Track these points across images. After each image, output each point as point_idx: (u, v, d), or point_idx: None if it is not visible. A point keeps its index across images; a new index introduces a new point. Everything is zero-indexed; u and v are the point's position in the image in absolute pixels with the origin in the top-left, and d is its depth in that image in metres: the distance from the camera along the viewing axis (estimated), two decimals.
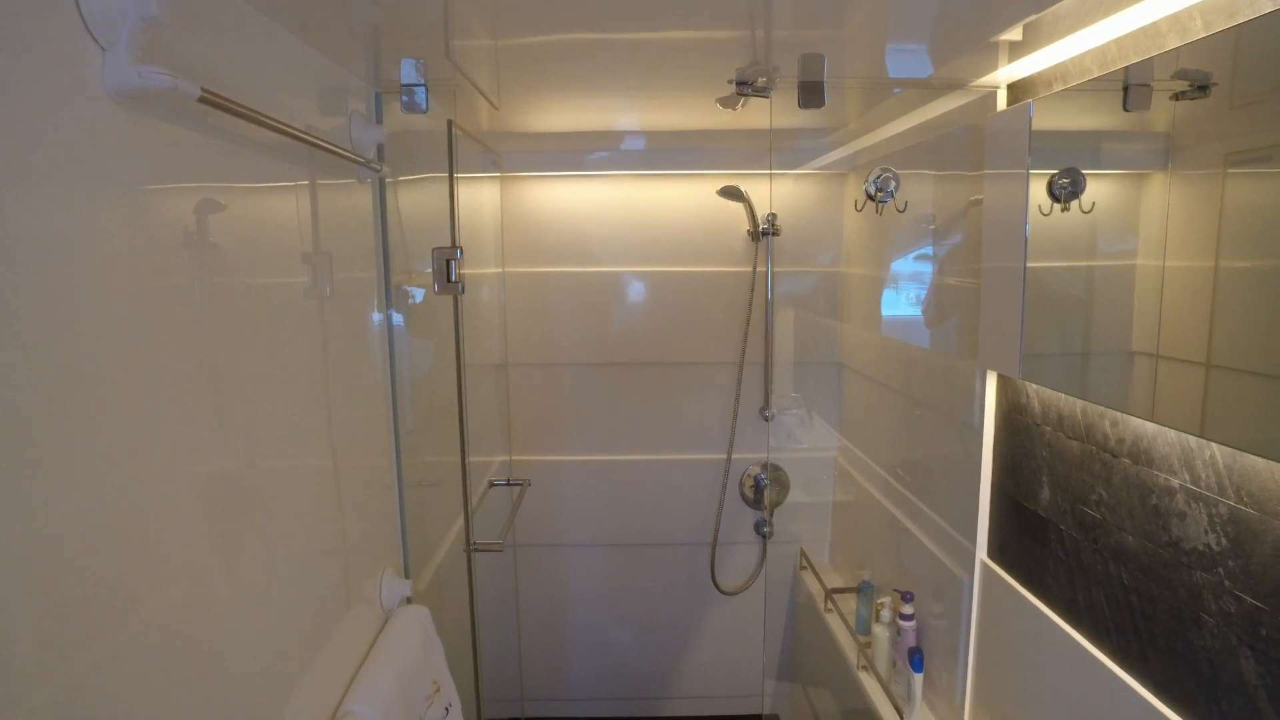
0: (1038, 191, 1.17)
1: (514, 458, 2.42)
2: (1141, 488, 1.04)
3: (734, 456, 2.42)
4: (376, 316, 1.38)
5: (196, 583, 0.81)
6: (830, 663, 2.06)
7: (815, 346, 2.42)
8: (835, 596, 2.14)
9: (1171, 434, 0.99)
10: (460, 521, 1.72)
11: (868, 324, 2.14)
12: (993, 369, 1.39)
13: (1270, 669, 0.85)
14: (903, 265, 1.88)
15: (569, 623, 2.55)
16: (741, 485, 2.44)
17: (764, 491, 2.43)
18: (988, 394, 1.43)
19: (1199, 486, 0.94)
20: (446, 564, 1.68)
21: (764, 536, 2.44)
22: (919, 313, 1.79)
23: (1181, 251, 0.93)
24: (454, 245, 1.35)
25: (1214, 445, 0.92)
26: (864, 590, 1.98)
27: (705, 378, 2.41)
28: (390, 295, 1.45)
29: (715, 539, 2.42)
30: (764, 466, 2.44)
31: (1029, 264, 1.19)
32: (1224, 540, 0.91)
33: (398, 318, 1.47)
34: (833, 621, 2.09)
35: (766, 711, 2.65)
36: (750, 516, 2.46)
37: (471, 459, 1.91)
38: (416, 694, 1.24)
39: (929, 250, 1.73)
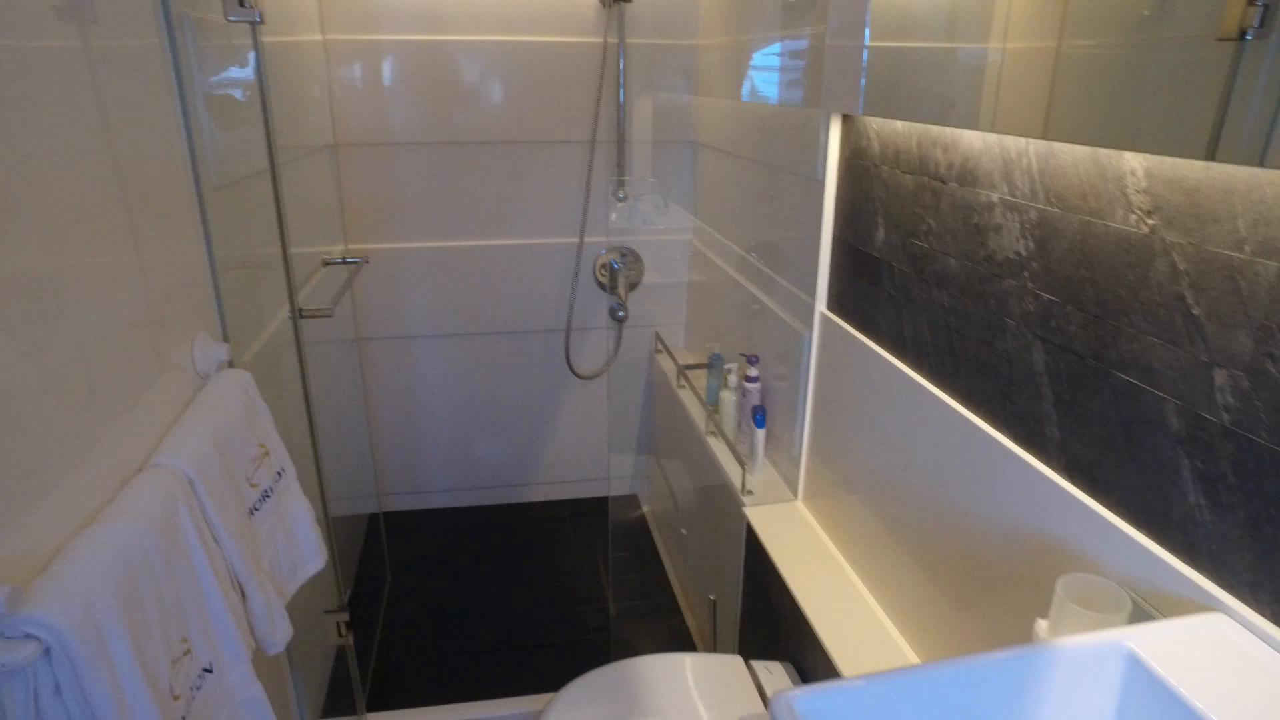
0: None
1: (351, 246, 2.27)
2: (965, 209, 1.06)
3: (587, 240, 2.37)
4: (162, 57, 1.18)
5: None
6: (683, 435, 2.15)
7: (670, 124, 2.34)
8: (688, 373, 2.20)
9: (995, 150, 0.99)
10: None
11: (724, 92, 2.07)
12: (836, 110, 1.36)
13: (1054, 355, 0.91)
14: (757, 24, 1.79)
15: (423, 416, 2.52)
16: (595, 270, 2.41)
17: (618, 275, 2.41)
18: (831, 142, 1.41)
19: (1015, 196, 0.96)
20: (279, 338, 1.58)
21: (619, 321, 2.44)
22: (774, 69, 1.73)
23: None
24: None
25: (1031, 153, 0.93)
26: (714, 363, 2.03)
27: (555, 157, 2.30)
28: (172, 25, 1.24)
29: (569, 325, 2.40)
30: (617, 250, 2.41)
31: None
32: (1031, 244, 0.94)
33: (189, 55, 1.27)
34: (685, 397, 2.16)
35: (626, 492, 2.78)
36: (605, 301, 2.45)
37: (305, 248, 1.77)
38: (239, 455, 1.18)
39: (780, 10, 1.65)
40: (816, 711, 0.61)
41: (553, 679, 1.47)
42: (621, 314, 2.42)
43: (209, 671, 1.04)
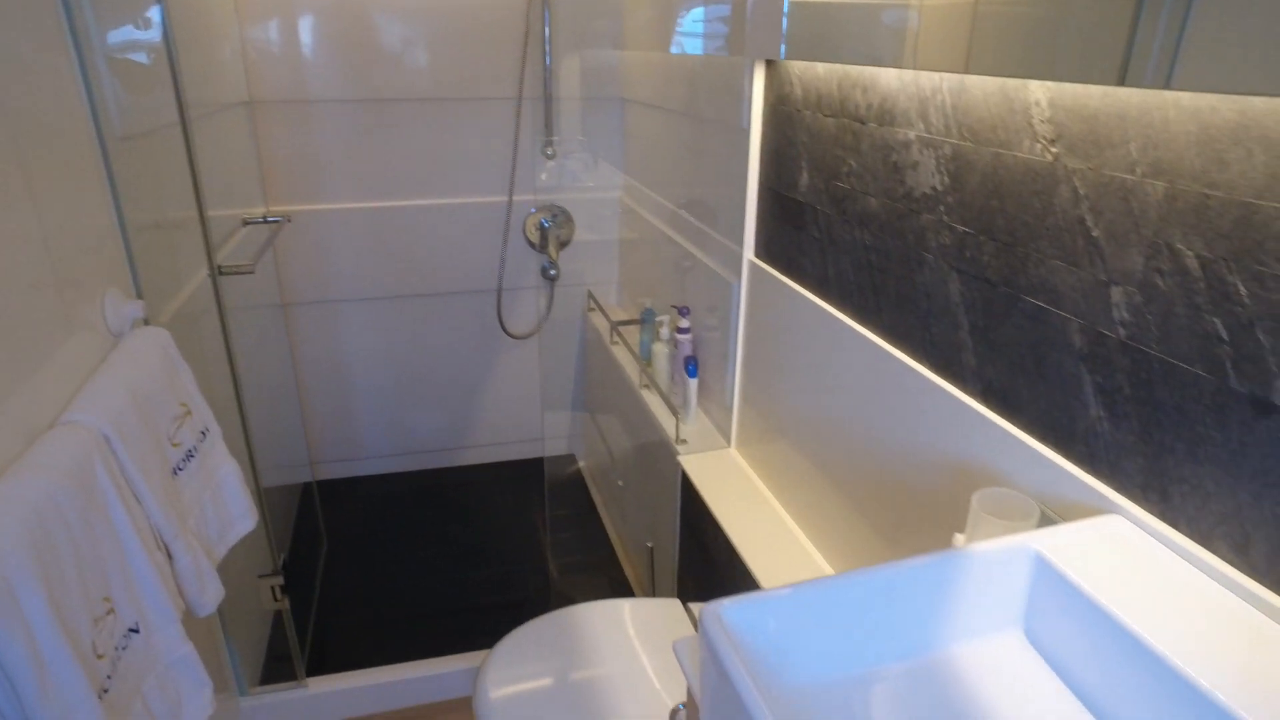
0: None
1: (272, 208, 2.20)
2: (884, 148, 1.09)
3: (516, 199, 2.34)
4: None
5: None
6: (617, 390, 2.16)
7: (598, 80, 2.32)
8: (621, 329, 2.21)
9: (911, 88, 1.02)
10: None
11: (652, 45, 2.06)
12: (759, 56, 1.37)
13: (968, 285, 0.94)
14: None
15: (354, 381, 2.48)
16: (525, 229, 2.39)
17: (548, 234, 2.40)
18: (755, 90, 1.42)
19: (931, 133, 0.99)
20: (199, 298, 1.53)
21: (551, 280, 2.43)
22: (699, 19, 1.73)
23: None
24: None
25: (945, 89, 0.96)
26: (646, 318, 2.04)
27: (481, 115, 2.26)
28: None
29: (500, 285, 2.38)
30: (547, 208, 2.39)
31: None
32: (946, 179, 0.97)
33: (83, 5, 1.20)
34: (619, 353, 2.17)
35: (563, 452, 2.78)
36: (536, 260, 2.44)
37: (224, 210, 1.70)
38: (160, 413, 1.15)
39: None
40: (743, 619, 0.64)
41: (494, 638, 1.48)
42: (553, 273, 2.41)
43: (135, 631, 1.01)
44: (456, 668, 1.83)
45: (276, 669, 1.82)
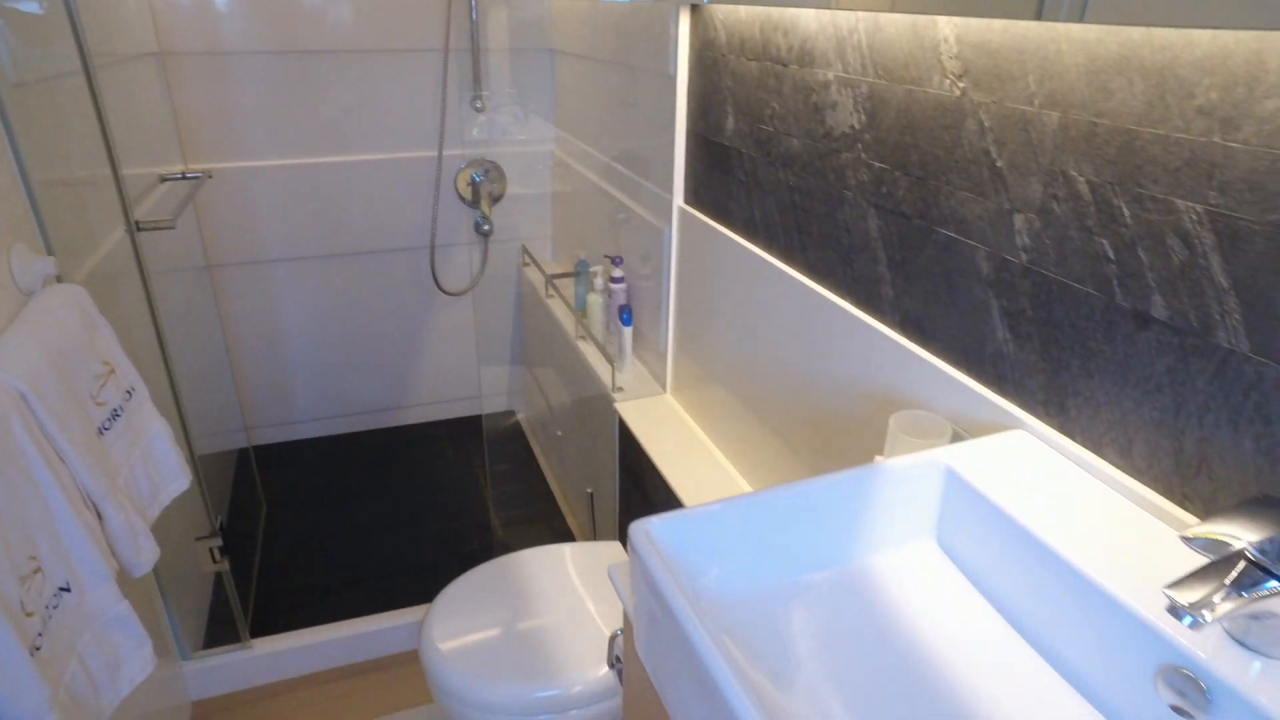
0: None
1: (192, 165, 2.12)
2: (805, 89, 1.11)
3: (446, 154, 2.30)
4: None
5: None
6: (554, 343, 2.17)
7: (526, 31, 2.28)
8: (556, 282, 2.21)
9: (830, 29, 1.04)
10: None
11: None
12: (684, 1, 1.37)
13: (886, 219, 0.98)
14: None
15: (287, 344, 2.43)
16: (457, 183, 2.36)
17: (480, 189, 2.37)
18: (681, 35, 1.43)
19: (848, 73, 1.01)
20: (118, 255, 1.48)
21: (484, 235, 2.41)
22: None
23: None
24: None
25: (861, 29, 0.98)
26: (580, 269, 2.05)
27: (408, 68, 2.21)
28: None
29: (433, 241, 2.35)
30: (479, 163, 2.36)
31: None
32: (863, 117, 1.00)
33: None
34: (554, 305, 2.17)
35: (503, 408, 2.79)
36: (469, 215, 2.41)
37: (139, 168, 1.64)
38: (80, 372, 1.12)
39: None
40: (671, 535, 0.67)
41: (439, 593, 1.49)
42: (486, 228, 2.39)
43: (66, 590, 1.00)
44: (402, 622, 1.84)
45: (220, 633, 1.81)
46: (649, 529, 0.65)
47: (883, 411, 1.03)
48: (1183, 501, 0.68)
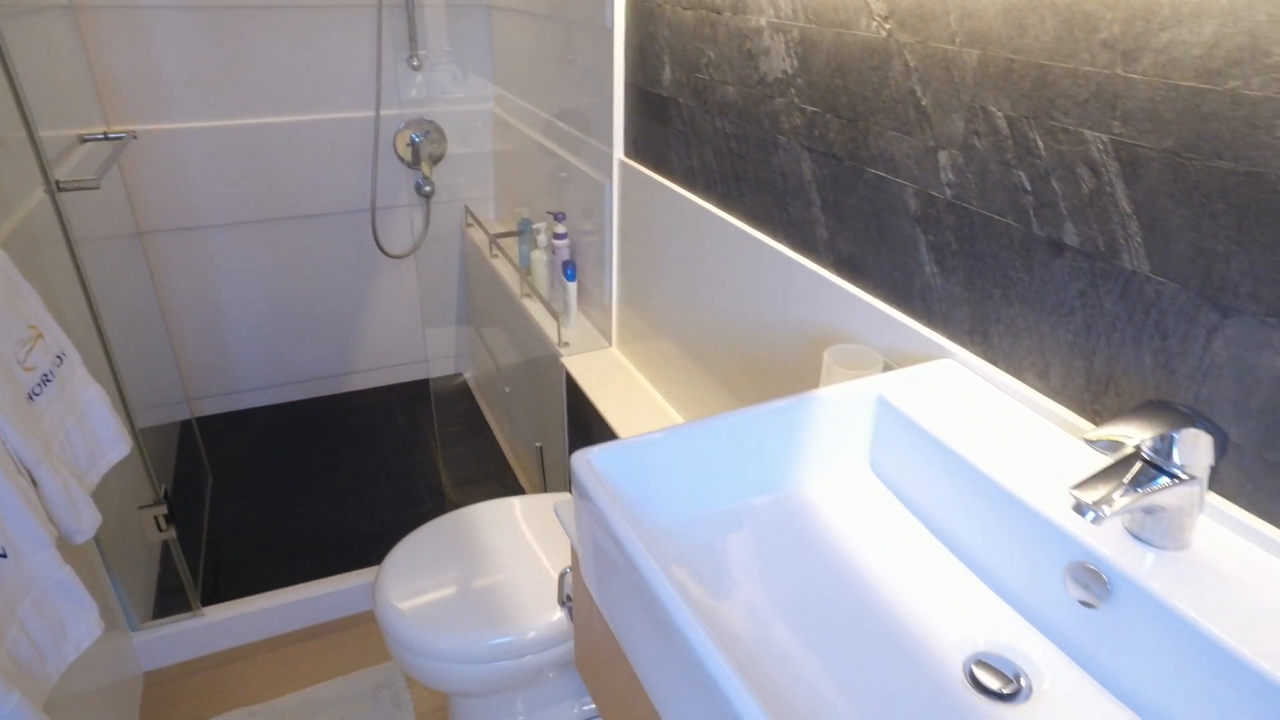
0: None
1: (115, 127, 2.05)
2: (739, 36, 1.12)
3: (383, 114, 2.26)
4: None
5: None
6: (499, 302, 2.16)
7: None
8: (499, 241, 2.20)
9: None
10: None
11: None
12: None
13: (819, 162, 1.00)
14: None
15: (226, 312, 2.38)
16: (396, 144, 2.32)
17: (420, 149, 2.34)
18: None
19: (780, 18, 1.03)
20: (38, 219, 1.43)
21: (426, 196, 2.38)
22: None
23: None
24: None
25: None
26: (523, 227, 2.04)
27: (340, 24, 2.15)
28: None
29: (374, 204, 2.32)
30: (417, 123, 2.32)
31: None
32: (795, 62, 1.01)
33: None
34: (499, 265, 2.16)
35: (451, 371, 2.78)
36: (409, 176, 2.38)
37: (56, 130, 1.57)
38: (4, 336, 1.09)
39: None
40: (613, 464, 0.69)
41: None
42: (428, 189, 2.36)
43: (3, 556, 0.99)
44: (355, 584, 1.85)
45: (170, 602, 1.79)
46: (590, 458, 0.67)
47: (820, 351, 1.06)
48: (1094, 417, 0.73)
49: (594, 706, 1.52)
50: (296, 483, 2.28)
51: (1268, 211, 0.56)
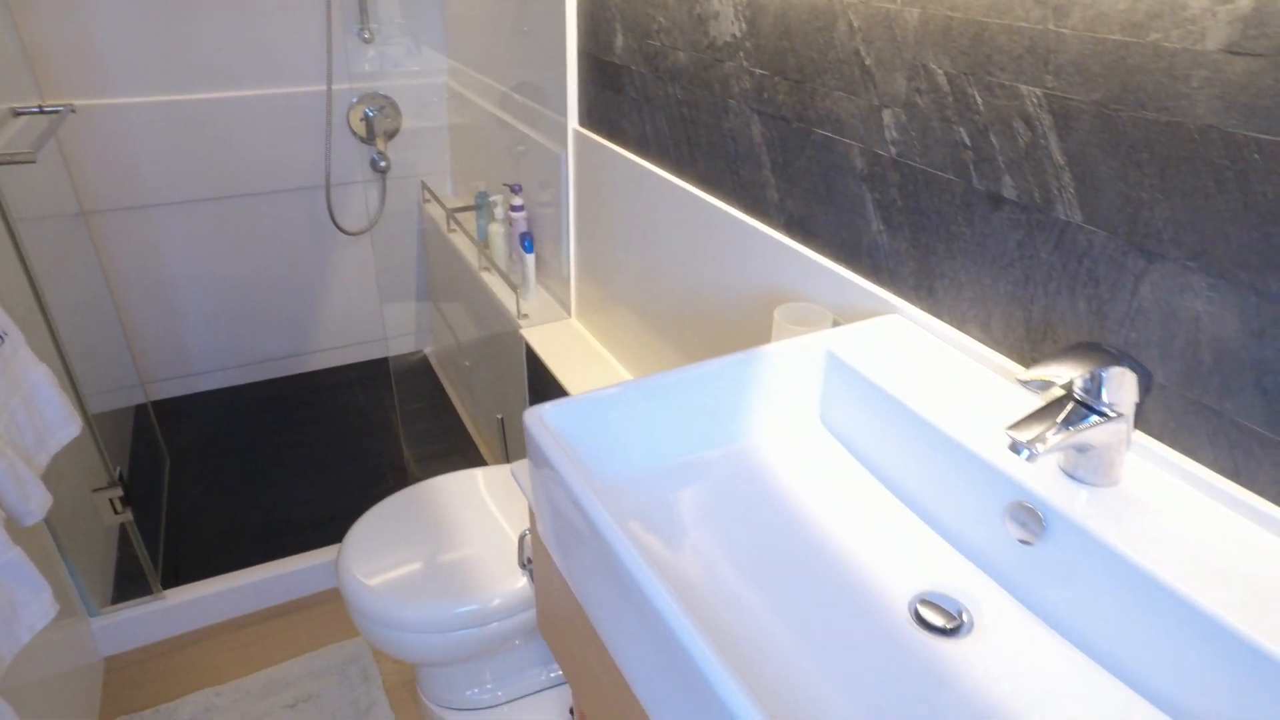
0: None
1: (50, 101, 1.99)
2: (689, 1, 1.12)
3: (335, 88, 2.22)
4: None
5: None
6: (458, 277, 2.15)
7: None
8: (457, 215, 2.18)
9: None
10: None
11: None
12: None
13: (768, 125, 1.01)
14: None
15: (179, 293, 2.33)
16: (349, 119, 2.28)
17: (374, 124, 2.30)
18: None
19: None
20: None
21: (381, 172, 2.35)
22: None
23: None
24: None
25: None
26: (481, 201, 2.02)
27: None
28: None
29: (329, 180, 2.28)
30: (370, 97, 2.28)
31: None
32: (744, 25, 1.02)
33: None
34: (457, 239, 2.15)
35: (411, 348, 2.76)
36: (364, 152, 2.34)
37: None
38: None
39: None
40: (566, 420, 0.70)
41: None
42: (383, 164, 2.33)
43: None
44: (319, 562, 1.84)
45: (129, 586, 1.77)
46: (542, 414, 0.68)
47: (773, 312, 1.07)
48: (1032, 364, 0.75)
49: (561, 673, 1.54)
50: (257, 465, 2.25)
51: (1187, 159, 0.59)
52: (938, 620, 0.64)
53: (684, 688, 0.52)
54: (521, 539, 0.90)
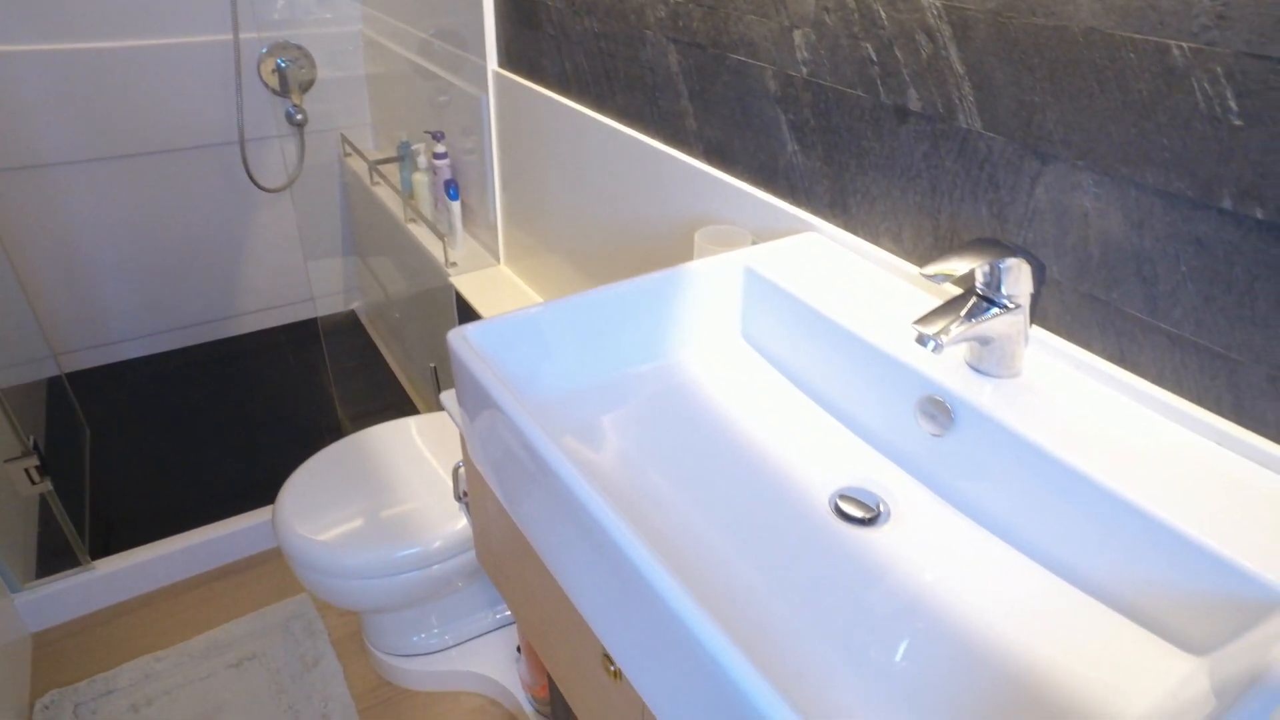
0: None
1: None
2: None
3: (243, 36, 2.13)
4: None
5: None
6: (384, 229, 2.11)
7: None
8: (380, 168, 2.13)
9: None
10: None
11: None
12: None
13: (684, 53, 1.02)
14: None
15: (89, 258, 2.23)
16: (260, 71, 2.20)
17: (287, 75, 2.22)
18: None
19: None
20: None
21: (298, 125, 2.28)
22: None
23: None
24: None
25: None
26: (403, 151, 1.98)
27: None
28: None
29: (242, 135, 2.20)
30: (281, 46, 2.20)
31: None
32: None
33: None
34: (381, 192, 2.11)
35: (341, 307, 2.70)
36: (279, 105, 2.26)
37: None
38: None
39: None
40: (491, 340, 0.70)
41: None
42: (299, 118, 2.26)
43: None
44: (255, 522, 1.82)
45: (55, 559, 1.72)
46: (466, 334, 0.69)
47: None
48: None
49: (508, 614, 1.56)
50: (185, 432, 2.19)
51: (1073, 61, 0.62)
52: (856, 512, 0.67)
53: (622, 592, 0.54)
54: (455, 471, 0.91)
